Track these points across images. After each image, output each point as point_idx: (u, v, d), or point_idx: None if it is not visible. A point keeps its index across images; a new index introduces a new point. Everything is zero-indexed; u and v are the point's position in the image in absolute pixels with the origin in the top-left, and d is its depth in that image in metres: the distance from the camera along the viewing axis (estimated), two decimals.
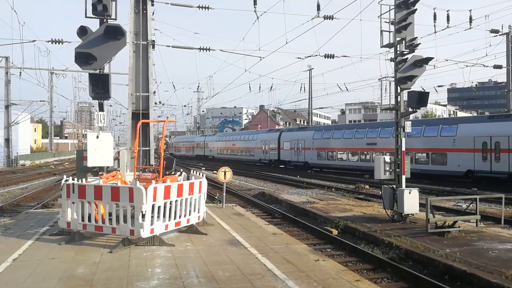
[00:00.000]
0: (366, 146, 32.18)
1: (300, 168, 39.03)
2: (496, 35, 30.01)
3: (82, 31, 10.16)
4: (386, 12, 11.98)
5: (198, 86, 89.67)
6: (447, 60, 30.43)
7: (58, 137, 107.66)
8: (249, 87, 51.83)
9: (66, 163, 55.73)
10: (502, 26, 31.30)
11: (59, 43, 23.00)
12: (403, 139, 11.90)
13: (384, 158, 12.13)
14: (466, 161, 24.90)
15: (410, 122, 12.21)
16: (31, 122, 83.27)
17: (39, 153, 74.09)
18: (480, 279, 7.11)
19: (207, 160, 60.28)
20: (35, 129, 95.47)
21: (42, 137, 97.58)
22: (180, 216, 8.99)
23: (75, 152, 16.79)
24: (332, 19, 20.15)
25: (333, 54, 25.62)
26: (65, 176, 9.23)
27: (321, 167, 37.26)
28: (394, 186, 11.96)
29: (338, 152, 35.67)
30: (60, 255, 7.67)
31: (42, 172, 37.90)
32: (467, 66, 31.67)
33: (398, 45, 11.89)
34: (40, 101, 55.43)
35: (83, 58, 9.96)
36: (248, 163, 48.64)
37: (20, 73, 37.69)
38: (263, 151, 46.85)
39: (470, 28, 25.17)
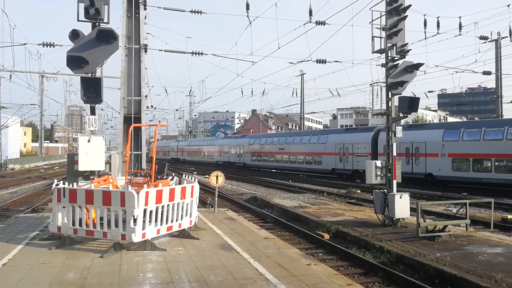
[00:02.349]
0: (278, 150, 42.93)
1: (240, 167, 48.79)
2: (485, 42, 30.44)
3: (74, 35, 10.11)
4: (378, 18, 12.11)
5: (190, 90, 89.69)
6: (437, 66, 30.80)
7: (48, 141, 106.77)
8: (242, 91, 52.23)
9: (56, 167, 55.23)
10: (491, 33, 31.81)
11: (50, 47, 22.85)
12: (394, 144, 12.01)
13: (376, 163, 12.21)
14: (332, 161, 35.21)
15: (401, 127, 12.32)
16: (21, 125, 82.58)
17: (29, 157, 73.46)
18: (470, 283, 7.18)
19: (179, 163, 68.79)
20: (25, 132, 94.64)
21: (32, 141, 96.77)
22: (172, 221, 8.96)
23: (66, 156, 16.68)
24: (324, 25, 20.31)
25: (325, 59, 25.81)
26: (55, 180, 9.16)
27: (254, 167, 47.22)
28: (385, 190, 12.03)
29: (263, 155, 46.05)
30: (51, 260, 7.60)
31: (32, 176, 37.52)
32: (457, 72, 32.09)
33: (389, 51, 12.01)
34: (31, 104, 55.04)
35: (75, 61, 9.91)
36: (210, 164, 57.93)
37: (11, 76, 37.44)
38: (219, 154, 57.32)
39: (459, 35, 25.51)
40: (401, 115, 12.13)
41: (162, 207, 8.61)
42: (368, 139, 32.01)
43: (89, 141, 10.44)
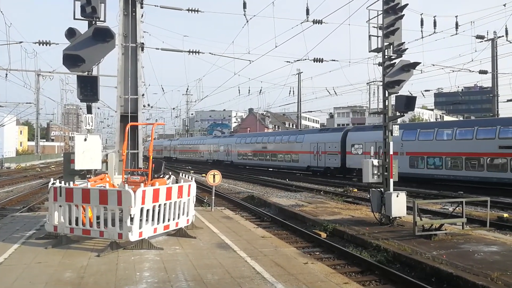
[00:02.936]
0: (261, 149, 45.93)
1: (228, 165, 50.83)
2: (482, 41, 30.54)
3: (71, 33, 10.06)
4: (374, 17, 12.13)
5: (187, 89, 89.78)
6: (434, 65, 30.92)
7: (45, 140, 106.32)
8: (239, 90, 52.42)
9: (53, 166, 55.00)
10: (488, 32, 31.97)
11: (46, 45, 22.74)
12: (391, 143, 12.03)
13: (372, 161, 12.24)
14: (307, 159, 37.97)
15: (398, 126, 12.35)
16: (17, 124, 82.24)
17: (25, 155, 73.13)
18: (466, 281, 7.21)
19: (171, 161, 70.28)
20: (21, 131, 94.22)
21: (28, 140, 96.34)
22: (169, 220, 8.94)
23: (62, 155, 16.61)
24: (321, 24, 20.29)
25: (322, 58, 25.78)
26: (52, 179, 9.12)
27: (240, 165, 49.71)
28: (382, 189, 12.06)
29: (248, 154, 48.75)
30: (47, 259, 7.57)
31: (28, 175, 37.36)
32: (453, 71, 32.18)
33: (386, 50, 12.03)
34: (27, 103, 54.78)
35: (71, 60, 9.86)
36: (201, 162, 60.86)
37: (6, 74, 37.08)
38: (209, 153, 60.18)
39: (456, 34, 25.57)
40: (398, 114, 12.15)
41: (159, 206, 8.59)
42: (338, 139, 34.73)
43: (85, 140, 10.40)
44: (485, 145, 23.45)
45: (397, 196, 11.58)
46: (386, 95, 12.19)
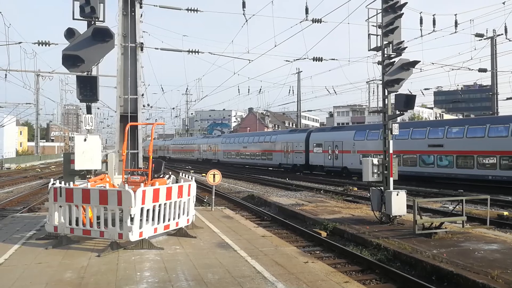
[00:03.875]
0: (242, 148, 50.25)
1: (215, 163, 53.66)
2: (481, 39, 30.45)
3: (70, 33, 10.06)
4: (374, 16, 12.12)
5: (187, 89, 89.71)
6: (433, 64, 30.83)
7: (44, 140, 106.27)
8: (238, 89, 52.50)
9: (53, 166, 55.01)
10: (487, 30, 31.92)
11: (46, 45, 22.67)
12: (391, 142, 12.03)
13: (372, 160, 12.24)
14: (279, 157, 42.49)
15: (398, 124, 12.35)
16: (16, 125, 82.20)
17: (25, 156, 73.12)
18: (467, 279, 7.21)
19: (165, 160, 71.94)
20: (20, 132, 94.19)
21: (28, 140, 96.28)
22: (169, 219, 8.94)
23: (62, 155, 16.61)
24: (320, 23, 20.25)
25: (322, 57, 25.70)
26: (52, 180, 9.12)
27: (226, 163, 52.85)
28: (382, 188, 12.06)
29: (232, 153, 53.13)
30: (47, 260, 7.57)
31: (28, 175, 37.36)
32: (452, 69, 32.09)
33: (386, 49, 12.03)
34: (26, 103, 54.77)
35: (70, 60, 9.86)
36: (191, 161, 65.04)
37: (6, 75, 37.04)
38: (199, 152, 64.94)
39: (455, 32, 25.49)
40: (398, 112, 12.15)
41: (159, 205, 8.59)
42: (303, 139, 38.45)
43: (85, 140, 10.40)
44: (418, 144, 27.24)
45: (397, 194, 11.59)
46: (386, 93, 12.19)
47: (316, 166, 36.69)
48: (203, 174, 30.08)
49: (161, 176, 10.70)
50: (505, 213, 14.76)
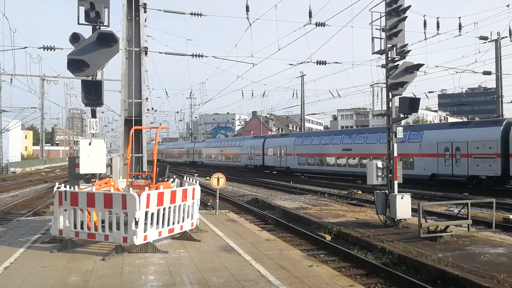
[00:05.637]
0: (219, 152, 58.78)
1: (200, 166, 62.09)
2: (485, 42, 30.42)
3: (75, 38, 10.14)
4: (377, 19, 12.11)
5: (191, 93, 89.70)
6: (437, 67, 30.76)
7: (49, 144, 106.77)
8: (242, 93, 52.38)
9: (58, 170, 55.23)
10: (491, 33, 31.75)
11: (51, 50, 22.85)
12: (395, 145, 12.00)
13: (377, 163, 12.20)
14: (245, 159, 49.72)
15: (402, 127, 12.32)
16: (22, 129, 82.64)
17: (30, 160, 73.45)
18: (473, 283, 7.17)
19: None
20: (26, 136, 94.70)
21: (33, 144, 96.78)
22: (173, 223, 8.96)
23: (67, 159, 16.67)
24: (324, 26, 20.30)
25: (325, 61, 25.78)
26: (57, 183, 9.16)
27: (208, 165, 59.43)
28: (387, 191, 12.02)
29: (212, 155, 61.31)
30: (52, 263, 7.60)
31: (33, 179, 37.54)
32: (457, 72, 32.05)
33: (389, 52, 12.01)
34: (31, 107, 55.00)
35: (75, 64, 9.94)
36: (180, 163, 71.06)
37: (11, 79, 37.45)
38: (187, 155, 72.40)
39: (459, 35, 25.50)
40: (402, 115, 12.12)
41: (164, 209, 8.61)
42: (260, 144, 46.72)
43: (90, 144, 10.46)
44: (333, 148, 34.99)
45: (402, 198, 11.54)
46: (390, 97, 12.16)
47: (269, 167, 44.22)
48: (207, 178, 30.12)
49: (166, 179, 10.73)
50: (511, 216, 14.67)
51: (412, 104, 11.76)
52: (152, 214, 8.29)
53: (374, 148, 30.32)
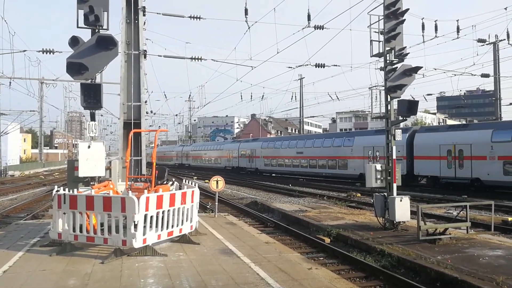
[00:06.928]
0: (204, 154, 63.80)
1: (186, 167, 67.88)
2: (483, 45, 30.49)
3: (74, 41, 10.14)
4: (376, 22, 12.17)
5: (190, 95, 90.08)
6: (435, 69, 30.91)
7: (48, 147, 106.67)
8: (241, 96, 52.96)
9: (56, 173, 55.16)
10: (489, 36, 31.91)
11: (50, 53, 22.87)
12: (394, 147, 12.03)
13: (376, 166, 12.22)
14: (225, 161, 55.36)
15: (400, 130, 12.35)
16: (20, 132, 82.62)
17: (29, 163, 73.40)
18: (471, 285, 7.17)
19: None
20: (24, 139, 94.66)
21: (32, 147, 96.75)
22: (172, 226, 8.96)
23: (66, 162, 16.63)
24: (322, 29, 20.35)
25: (324, 64, 25.81)
26: (56, 187, 9.16)
27: (195, 167, 64.92)
28: (386, 194, 12.04)
29: (197, 158, 66.50)
30: (51, 267, 7.59)
31: (32, 182, 37.47)
32: (455, 75, 32.16)
33: (388, 55, 12.06)
34: (30, 111, 55.12)
35: (74, 68, 9.94)
36: (169, 166, 77.90)
37: (10, 82, 37.42)
38: (176, 158, 78.00)
39: (457, 38, 25.60)
40: (401, 118, 12.15)
41: (163, 212, 8.61)
42: (236, 148, 51.84)
43: (89, 147, 10.45)
44: (290, 152, 40.43)
45: (401, 200, 11.55)
46: (388, 99, 12.20)
47: (243, 168, 49.15)
48: (206, 181, 30.10)
49: (165, 182, 10.73)
50: (510, 218, 14.69)
51: (410, 107, 11.79)
52: (151, 217, 8.28)
53: (319, 152, 36.33)
